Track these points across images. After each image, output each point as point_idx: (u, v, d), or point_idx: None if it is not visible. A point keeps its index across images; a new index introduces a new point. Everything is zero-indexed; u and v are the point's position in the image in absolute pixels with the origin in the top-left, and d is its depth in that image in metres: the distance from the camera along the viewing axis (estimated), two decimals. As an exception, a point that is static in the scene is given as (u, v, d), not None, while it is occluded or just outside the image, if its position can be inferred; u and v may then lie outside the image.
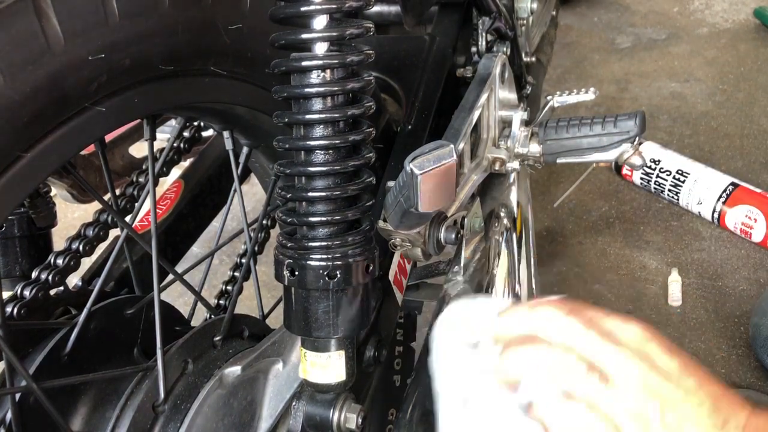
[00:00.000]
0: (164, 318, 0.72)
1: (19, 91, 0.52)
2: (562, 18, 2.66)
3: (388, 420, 1.11)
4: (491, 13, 1.18)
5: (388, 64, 1.13)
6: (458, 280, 0.89)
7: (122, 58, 0.59)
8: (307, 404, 0.71)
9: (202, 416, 0.70)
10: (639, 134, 1.01)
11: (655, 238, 1.91)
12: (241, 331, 0.82)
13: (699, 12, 3.00)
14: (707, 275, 1.79)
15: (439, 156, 0.64)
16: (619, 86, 2.59)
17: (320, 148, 0.64)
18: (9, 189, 0.54)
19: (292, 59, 0.63)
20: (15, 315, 0.78)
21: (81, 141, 0.60)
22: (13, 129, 0.53)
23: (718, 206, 1.87)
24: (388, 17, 1.29)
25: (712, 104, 2.42)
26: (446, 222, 0.86)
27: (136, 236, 0.76)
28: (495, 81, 1.06)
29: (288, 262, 0.65)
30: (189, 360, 0.73)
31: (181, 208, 1.11)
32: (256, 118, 0.81)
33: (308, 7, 0.61)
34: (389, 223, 0.75)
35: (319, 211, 0.65)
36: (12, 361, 0.62)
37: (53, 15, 0.53)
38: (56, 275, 0.81)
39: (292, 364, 0.75)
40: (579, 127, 1.03)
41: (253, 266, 0.92)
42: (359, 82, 0.64)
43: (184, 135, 1.04)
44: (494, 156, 1.05)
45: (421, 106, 1.06)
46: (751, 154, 2.16)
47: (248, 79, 0.74)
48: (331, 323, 0.66)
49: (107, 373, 0.73)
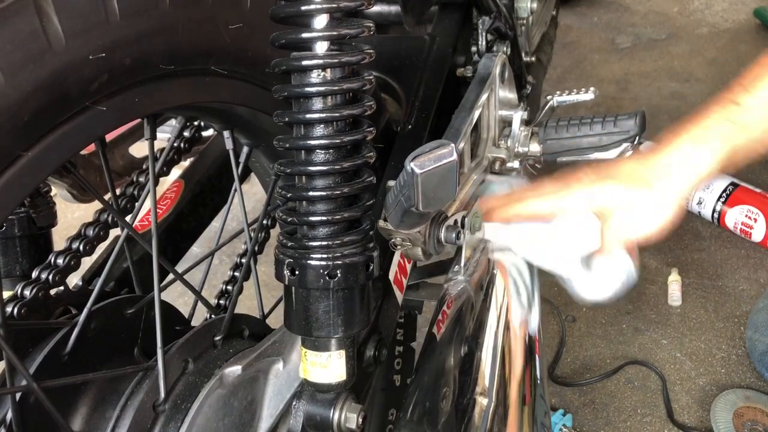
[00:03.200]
0: (164, 318, 0.72)
1: (20, 90, 0.52)
2: (562, 18, 2.66)
3: (388, 420, 1.11)
4: (491, 13, 1.18)
5: (388, 64, 1.13)
6: (458, 279, 0.89)
7: (123, 57, 0.59)
8: (308, 404, 0.71)
9: (202, 416, 0.70)
10: (639, 134, 1.02)
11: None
12: (242, 330, 0.82)
13: (699, 12, 3.01)
14: (707, 275, 1.79)
15: (439, 155, 0.64)
16: (619, 86, 2.59)
17: (320, 148, 0.64)
18: (9, 188, 0.54)
19: (293, 58, 0.63)
20: (15, 315, 0.77)
21: (81, 140, 0.59)
22: (14, 128, 0.53)
23: (718, 206, 1.87)
24: (388, 17, 1.29)
25: (712, 104, 2.41)
26: (446, 221, 0.86)
27: (136, 236, 0.76)
28: (495, 81, 1.06)
29: (288, 262, 0.65)
30: (189, 359, 0.73)
31: (182, 208, 1.11)
32: (257, 118, 0.81)
33: (308, 6, 0.61)
34: (389, 222, 0.75)
35: (319, 211, 0.65)
36: (12, 360, 0.62)
37: (54, 14, 0.53)
38: (56, 275, 0.81)
39: (293, 364, 0.75)
40: (579, 126, 1.03)
41: (254, 266, 0.92)
42: (359, 81, 0.64)
43: (184, 135, 1.04)
44: (494, 155, 1.06)
45: (422, 106, 1.06)
46: (751, 154, 2.16)
47: (249, 78, 0.74)
48: (331, 323, 0.66)
49: (107, 373, 0.73)
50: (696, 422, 1.45)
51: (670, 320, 1.68)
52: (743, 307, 1.69)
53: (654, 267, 1.83)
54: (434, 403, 0.79)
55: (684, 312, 1.70)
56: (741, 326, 1.64)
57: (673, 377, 1.55)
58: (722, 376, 1.54)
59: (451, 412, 0.79)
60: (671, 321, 1.68)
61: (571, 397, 1.54)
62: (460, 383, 0.82)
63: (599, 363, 1.60)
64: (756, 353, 1.51)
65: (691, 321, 1.68)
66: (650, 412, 1.49)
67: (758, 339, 1.50)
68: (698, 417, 1.47)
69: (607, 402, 1.52)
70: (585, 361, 1.62)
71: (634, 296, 1.75)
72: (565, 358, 1.62)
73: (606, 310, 1.73)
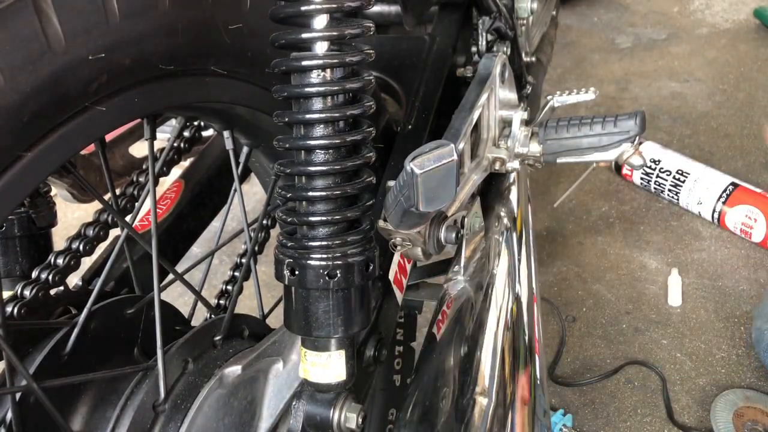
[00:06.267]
0: (164, 318, 0.72)
1: (20, 91, 0.52)
2: (562, 18, 2.66)
3: (388, 420, 1.11)
4: (491, 13, 1.18)
5: (388, 64, 1.13)
6: (458, 279, 0.89)
7: (122, 57, 0.59)
8: (308, 404, 0.71)
9: (202, 416, 0.70)
10: (639, 134, 1.02)
11: (655, 238, 1.91)
12: (242, 330, 0.82)
13: (699, 12, 3.01)
14: (707, 275, 1.79)
15: (439, 155, 0.64)
16: (619, 86, 2.59)
17: (320, 148, 0.64)
18: (9, 189, 0.54)
19: (293, 59, 0.63)
20: (15, 315, 0.78)
21: (81, 141, 0.60)
22: (14, 128, 0.53)
23: (718, 206, 1.87)
24: (388, 17, 1.29)
25: (712, 104, 2.42)
26: (446, 221, 0.86)
27: (136, 236, 0.76)
28: (495, 81, 1.06)
29: (288, 262, 0.65)
30: (189, 359, 0.73)
31: (182, 208, 1.11)
32: (257, 118, 0.81)
33: (308, 6, 0.61)
34: (389, 222, 0.75)
35: (319, 211, 0.65)
36: (12, 360, 0.62)
37: (54, 15, 0.54)
38: (56, 275, 0.81)
39: (293, 364, 0.75)
40: (579, 126, 1.03)
41: (253, 266, 0.92)
42: (359, 81, 0.64)
43: (184, 135, 1.04)
44: (494, 156, 1.06)
45: (421, 106, 1.06)
46: (751, 154, 2.17)
47: (248, 78, 0.74)
48: (331, 323, 0.66)
49: (107, 373, 0.73)
50: (696, 422, 1.45)
51: (670, 320, 1.68)
52: (743, 307, 1.69)
53: (654, 267, 1.83)
54: (434, 403, 0.79)
55: (684, 312, 1.70)
56: (741, 326, 1.64)
57: (673, 377, 1.55)
58: (722, 376, 1.54)
59: (451, 412, 0.79)
60: (671, 321, 1.68)
61: (571, 397, 1.54)
62: (460, 383, 0.82)
63: (599, 363, 1.61)
64: (762, 344, 1.50)
65: (691, 321, 1.68)
66: (650, 412, 1.49)
67: (766, 329, 1.50)
68: (698, 417, 1.47)
69: (607, 402, 1.52)
70: (585, 361, 1.62)
71: (634, 296, 1.75)
72: (565, 358, 1.62)
73: (606, 310, 1.73)
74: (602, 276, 1.82)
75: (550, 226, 2.00)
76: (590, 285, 1.80)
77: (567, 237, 1.96)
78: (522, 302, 0.99)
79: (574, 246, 1.92)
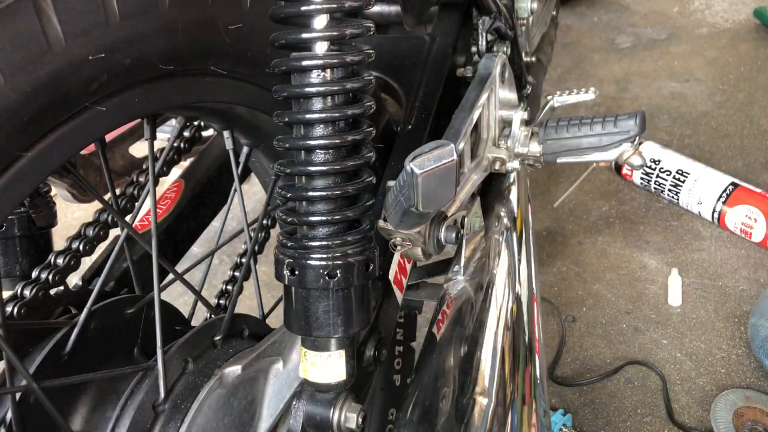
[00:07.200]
0: (164, 317, 0.72)
1: (20, 91, 0.52)
2: (562, 18, 2.66)
3: (388, 420, 1.11)
4: (491, 13, 1.18)
5: (388, 64, 1.13)
6: (458, 279, 0.89)
7: (122, 57, 0.59)
8: (307, 404, 0.71)
9: (202, 416, 0.70)
10: (639, 134, 1.02)
11: (655, 238, 1.91)
12: (241, 330, 0.82)
13: (699, 12, 3.01)
14: (707, 275, 1.79)
15: (439, 155, 0.64)
16: (619, 86, 2.59)
17: (320, 148, 0.64)
18: (9, 189, 0.54)
19: (293, 59, 0.63)
20: (15, 314, 0.78)
21: (81, 141, 0.60)
22: (14, 129, 0.53)
23: (718, 206, 1.87)
24: (388, 17, 1.29)
25: (712, 104, 2.42)
26: (446, 221, 0.86)
27: (136, 236, 0.76)
28: (495, 81, 1.06)
29: (288, 262, 0.65)
30: (189, 359, 0.73)
31: (182, 208, 1.11)
32: (257, 118, 0.81)
33: (308, 6, 0.61)
34: (389, 222, 0.75)
35: (319, 211, 0.65)
36: (12, 360, 0.62)
37: (53, 15, 0.54)
38: (56, 275, 0.81)
39: (293, 364, 0.75)
40: (579, 126, 1.03)
41: (253, 266, 0.92)
42: (359, 81, 0.64)
43: (184, 135, 1.04)
44: (494, 156, 1.06)
45: (421, 106, 1.06)
46: (751, 154, 2.17)
47: (248, 78, 0.74)
48: (331, 323, 0.66)
49: (107, 373, 0.73)
50: (696, 422, 1.45)
51: (670, 320, 1.68)
52: (743, 307, 1.69)
53: (654, 267, 1.83)
54: (434, 403, 0.79)
55: (684, 312, 1.70)
56: (741, 326, 1.64)
57: (673, 377, 1.55)
58: (722, 376, 1.54)
59: (450, 412, 0.79)
60: (671, 321, 1.68)
61: (571, 397, 1.54)
62: (460, 383, 0.82)
63: (599, 363, 1.61)
64: (758, 339, 1.50)
65: (691, 321, 1.68)
66: (650, 412, 1.49)
67: (761, 324, 1.50)
68: (698, 417, 1.47)
69: (607, 402, 1.52)
70: (585, 361, 1.62)
71: (634, 296, 1.75)
72: (565, 358, 1.62)
73: (606, 310, 1.73)
74: (602, 276, 1.82)
75: (550, 226, 2.00)
76: (590, 285, 1.80)
77: (567, 237, 1.96)
78: (522, 302, 0.99)
79: (574, 246, 1.92)
